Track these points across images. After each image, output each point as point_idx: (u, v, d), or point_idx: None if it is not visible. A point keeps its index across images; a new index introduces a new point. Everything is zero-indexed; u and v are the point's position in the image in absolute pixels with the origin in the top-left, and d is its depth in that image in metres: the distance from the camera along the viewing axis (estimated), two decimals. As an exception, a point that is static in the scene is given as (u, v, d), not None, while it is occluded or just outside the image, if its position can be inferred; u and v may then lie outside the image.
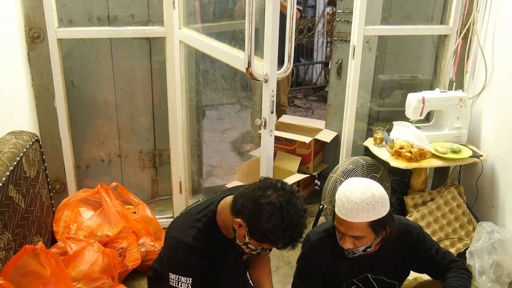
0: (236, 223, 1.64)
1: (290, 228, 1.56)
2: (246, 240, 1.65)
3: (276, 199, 1.58)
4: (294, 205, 1.58)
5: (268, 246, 1.64)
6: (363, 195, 1.68)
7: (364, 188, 1.70)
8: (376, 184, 1.75)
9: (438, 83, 3.09)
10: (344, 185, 1.75)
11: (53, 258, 1.93)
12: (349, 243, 1.74)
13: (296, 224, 1.58)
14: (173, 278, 1.70)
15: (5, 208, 1.89)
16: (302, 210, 1.61)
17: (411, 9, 3.12)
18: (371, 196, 1.68)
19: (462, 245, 2.77)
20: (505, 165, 2.72)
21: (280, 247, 1.62)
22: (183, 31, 2.61)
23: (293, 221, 1.56)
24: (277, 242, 1.59)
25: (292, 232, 1.57)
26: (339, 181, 2.88)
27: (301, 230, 1.61)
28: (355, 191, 1.68)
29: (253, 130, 3.99)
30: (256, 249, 1.69)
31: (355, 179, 1.78)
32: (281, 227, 1.55)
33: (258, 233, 1.59)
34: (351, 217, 1.68)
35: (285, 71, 1.98)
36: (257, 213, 1.57)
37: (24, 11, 2.51)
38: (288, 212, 1.56)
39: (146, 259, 2.54)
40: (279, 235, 1.56)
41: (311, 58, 6.62)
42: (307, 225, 1.66)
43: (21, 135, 2.20)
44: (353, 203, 1.66)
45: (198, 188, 3.38)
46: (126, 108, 3.00)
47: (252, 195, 1.61)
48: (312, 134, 3.40)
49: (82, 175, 2.99)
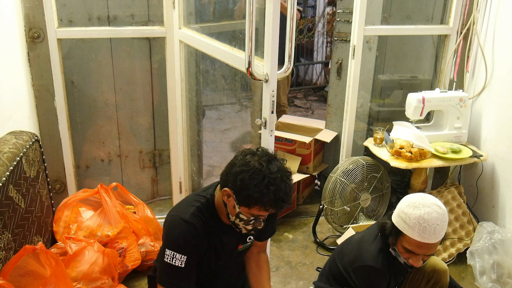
0: (224, 193, 1.68)
1: (273, 184, 1.59)
2: (237, 210, 1.68)
3: (257, 161, 1.62)
4: (274, 164, 1.63)
5: (257, 209, 1.64)
6: (439, 214, 1.72)
7: (435, 206, 1.74)
8: (434, 197, 1.80)
9: (438, 83, 3.09)
10: (412, 209, 1.74)
11: (53, 258, 1.92)
12: (421, 261, 1.80)
13: (278, 181, 1.60)
14: (169, 254, 1.70)
15: (5, 208, 1.89)
16: (283, 169, 1.64)
17: (411, 9, 3.12)
18: (443, 212, 1.74)
19: (462, 245, 2.77)
20: (505, 165, 2.72)
21: (268, 207, 1.63)
22: (183, 31, 2.61)
23: (275, 178, 1.60)
24: (263, 200, 1.60)
25: (276, 189, 1.59)
26: (339, 181, 2.88)
27: (286, 188, 1.62)
28: (431, 213, 1.71)
29: (253, 130, 3.98)
30: (249, 220, 1.68)
31: (414, 199, 1.78)
32: (264, 183, 1.58)
33: (244, 196, 1.62)
34: (435, 238, 1.72)
35: (285, 71, 1.98)
36: (239, 176, 1.61)
37: (24, 11, 2.51)
38: (269, 170, 1.60)
39: (146, 259, 2.54)
40: (263, 192, 1.58)
41: (311, 58, 6.62)
42: (292, 187, 1.67)
43: (21, 135, 2.20)
44: (435, 225, 1.70)
45: (198, 188, 3.37)
46: (126, 108, 3.00)
47: (233, 163, 1.66)
48: (312, 134, 3.40)
49: (82, 175, 2.99)
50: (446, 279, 2.11)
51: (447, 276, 2.11)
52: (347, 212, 2.95)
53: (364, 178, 2.93)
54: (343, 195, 2.89)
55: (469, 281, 2.63)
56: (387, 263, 1.87)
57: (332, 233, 3.01)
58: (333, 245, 2.90)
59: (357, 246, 1.98)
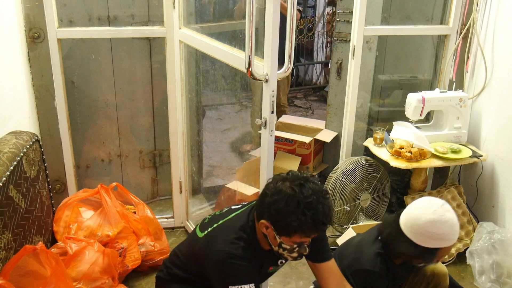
0: (262, 225, 1.64)
1: (309, 209, 1.54)
2: (278, 241, 1.64)
3: (288, 187, 1.58)
4: (307, 187, 1.57)
5: (299, 237, 1.60)
6: (452, 213, 1.77)
7: (446, 206, 1.78)
8: (437, 198, 1.84)
9: (438, 83, 3.09)
10: (434, 218, 1.75)
11: (53, 258, 1.93)
12: None
13: (315, 204, 1.55)
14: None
15: (5, 208, 1.89)
16: (318, 190, 1.58)
17: (411, 9, 3.13)
18: (452, 210, 1.79)
19: (462, 245, 2.77)
20: (505, 165, 2.72)
21: (309, 233, 1.59)
22: (183, 31, 2.61)
23: (310, 201, 1.55)
24: (303, 227, 1.55)
25: (314, 213, 1.54)
26: (339, 181, 2.88)
27: (324, 208, 1.57)
28: (450, 216, 1.76)
29: (253, 130, 3.98)
30: (292, 248, 1.65)
31: (428, 207, 1.79)
32: (300, 209, 1.54)
33: (282, 226, 1.58)
34: (456, 237, 1.78)
35: (285, 71, 1.98)
36: (273, 207, 1.57)
37: (24, 11, 2.51)
38: (303, 195, 1.55)
39: (146, 259, 2.54)
40: (301, 219, 1.54)
41: (311, 58, 6.62)
42: (331, 206, 1.61)
43: (21, 135, 2.20)
44: (455, 224, 1.76)
45: (198, 188, 3.38)
46: (126, 108, 3.00)
47: (265, 193, 1.62)
48: (312, 134, 3.40)
49: (82, 175, 2.99)
50: (446, 283, 2.10)
51: (447, 280, 2.11)
52: (347, 212, 2.96)
53: (364, 178, 2.93)
54: (343, 195, 2.90)
55: (468, 281, 2.63)
56: (386, 266, 1.87)
57: (332, 233, 3.01)
58: (333, 245, 2.90)
59: (355, 249, 1.98)
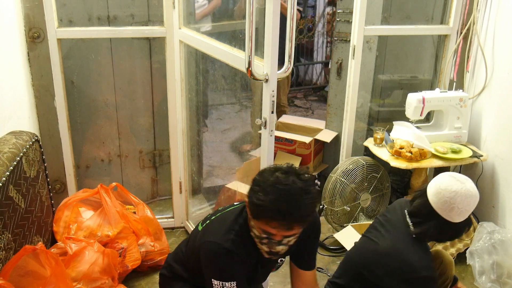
0: (246, 205, 1.63)
1: (276, 193, 1.52)
2: (251, 223, 1.63)
3: (273, 172, 1.57)
4: (291, 178, 1.54)
5: (264, 222, 1.56)
6: (471, 182, 1.82)
7: (461, 179, 1.82)
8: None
9: (438, 83, 3.09)
10: (458, 190, 1.77)
11: (53, 258, 1.92)
12: None
13: (286, 192, 1.52)
14: (217, 284, 1.66)
15: (5, 208, 1.89)
16: (300, 187, 1.54)
17: (411, 9, 3.13)
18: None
19: (462, 245, 2.77)
20: (505, 165, 2.72)
21: (270, 220, 1.55)
22: (183, 31, 2.61)
23: (282, 188, 1.52)
24: (264, 208, 1.53)
25: (278, 198, 1.51)
26: (339, 181, 2.88)
27: (295, 202, 1.52)
28: (470, 185, 1.80)
29: (253, 130, 3.98)
30: (261, 237, 1.61)
31: (449, 180, 1.81)
32: (268, 190, 1.53)
33: (251, 202, 1.56)
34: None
35: (285, 71, 1.98)
36: (252, 185, 1.58)
37: (24, 11, 2.51)
38: (279, 179, 1.53)
39: (146, 259, 2.54)
40: (263, 199, 1.52)
41: (311, 58, 6.62)
42: (308, 206, 1.56)
43: (21, 135, 2.20)
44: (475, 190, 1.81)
45: (198, 188, 3.38)
46: (126, 108, 3.00)
47: (254, 177, 1.63)
48: (312, 134, 3.40)
49: (82, 175, 2.99)
50: (452, 272, 2.10)
51: (453, 269, 2.10)
52: (347, 212, 2.96)
53: (364, 178, 2.93)
54: (343, 195, 2.89)
55: (468, 281, 2.63)
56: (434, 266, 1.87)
57: (332, 233, 3.01)
58: (333, 245, 2.90)
59: (395, 257, 1.86)
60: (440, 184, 1.81)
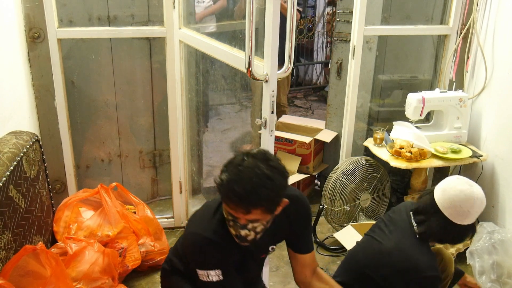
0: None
1: (233, 173, 1.49)
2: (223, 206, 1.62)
3: (241, 155, 1.54)
4: (255, 162, 1.50)
5: (226, 204, 1.55)
6: (479, 187, 1.85)
7: (469, 181, 1.85)
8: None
9: (438, 83, 3.09)
10: (463, 190, 1.80)
11: (53, 258, 1.92)
12: None
13: (242, 173, 1.48)
14: (202, 273, 1.65)
15: (5, 208, 1.89)
16: (261, 169, 1.49)
17: (411, 9, 3.13)
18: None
19: (462, 245, 2.77)
20: (505, 165, 2.72)
21: (227, 200, 1.52)
22: (183, 31, 2.61)
23: (241, 170, 1.49)
24: (220, 188, 1.51)
25: (231, 178, 1.48)
26: (339, 181, 2.88)
27: (246, 183, 1.47)
28: (477, 189, 1.82)
29: (253, 130, 3.98)
30: (228, 220, 1.59)
31: (457, 181, 1.85)
32: (226, 170, 1.51)
33: (216, 186, 1.53)
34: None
35: (285, 71, 1.98)
36: (222, 167, 1.56)
37: (24, 11, 2.51)
38: (240, 162, 1.50)
39: (146, 259, 2.54)
40: (221, 178, 1.50)
41: (311, 58, 6.62)
42: (268, 192, 1.49)
43: (21, 135, 2.20)
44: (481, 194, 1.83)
45: (198, 188, 3.38)
46: (126, 108, 3.00)
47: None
48: (312, 134, 3.40)
49: (82, 175, 2.99)
50: (452, 269, 2.11)
51: (453, 266, 2.11)
52: (347, 212, 2.96)
53: (364, 178, 2.93)
54: (343, 195, 2.90)
55: (469, 281, 2.63)
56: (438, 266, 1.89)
57: (332, 233, 3.01)
58: (333, 245, 2.90)
59: (399, 257, 1.86)
60: (448, 183, 1.85)
